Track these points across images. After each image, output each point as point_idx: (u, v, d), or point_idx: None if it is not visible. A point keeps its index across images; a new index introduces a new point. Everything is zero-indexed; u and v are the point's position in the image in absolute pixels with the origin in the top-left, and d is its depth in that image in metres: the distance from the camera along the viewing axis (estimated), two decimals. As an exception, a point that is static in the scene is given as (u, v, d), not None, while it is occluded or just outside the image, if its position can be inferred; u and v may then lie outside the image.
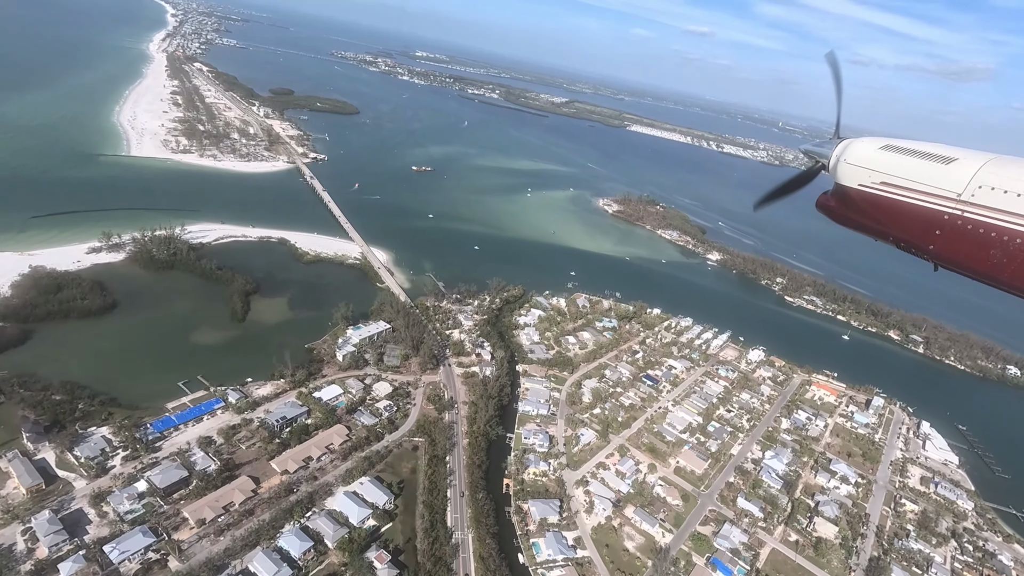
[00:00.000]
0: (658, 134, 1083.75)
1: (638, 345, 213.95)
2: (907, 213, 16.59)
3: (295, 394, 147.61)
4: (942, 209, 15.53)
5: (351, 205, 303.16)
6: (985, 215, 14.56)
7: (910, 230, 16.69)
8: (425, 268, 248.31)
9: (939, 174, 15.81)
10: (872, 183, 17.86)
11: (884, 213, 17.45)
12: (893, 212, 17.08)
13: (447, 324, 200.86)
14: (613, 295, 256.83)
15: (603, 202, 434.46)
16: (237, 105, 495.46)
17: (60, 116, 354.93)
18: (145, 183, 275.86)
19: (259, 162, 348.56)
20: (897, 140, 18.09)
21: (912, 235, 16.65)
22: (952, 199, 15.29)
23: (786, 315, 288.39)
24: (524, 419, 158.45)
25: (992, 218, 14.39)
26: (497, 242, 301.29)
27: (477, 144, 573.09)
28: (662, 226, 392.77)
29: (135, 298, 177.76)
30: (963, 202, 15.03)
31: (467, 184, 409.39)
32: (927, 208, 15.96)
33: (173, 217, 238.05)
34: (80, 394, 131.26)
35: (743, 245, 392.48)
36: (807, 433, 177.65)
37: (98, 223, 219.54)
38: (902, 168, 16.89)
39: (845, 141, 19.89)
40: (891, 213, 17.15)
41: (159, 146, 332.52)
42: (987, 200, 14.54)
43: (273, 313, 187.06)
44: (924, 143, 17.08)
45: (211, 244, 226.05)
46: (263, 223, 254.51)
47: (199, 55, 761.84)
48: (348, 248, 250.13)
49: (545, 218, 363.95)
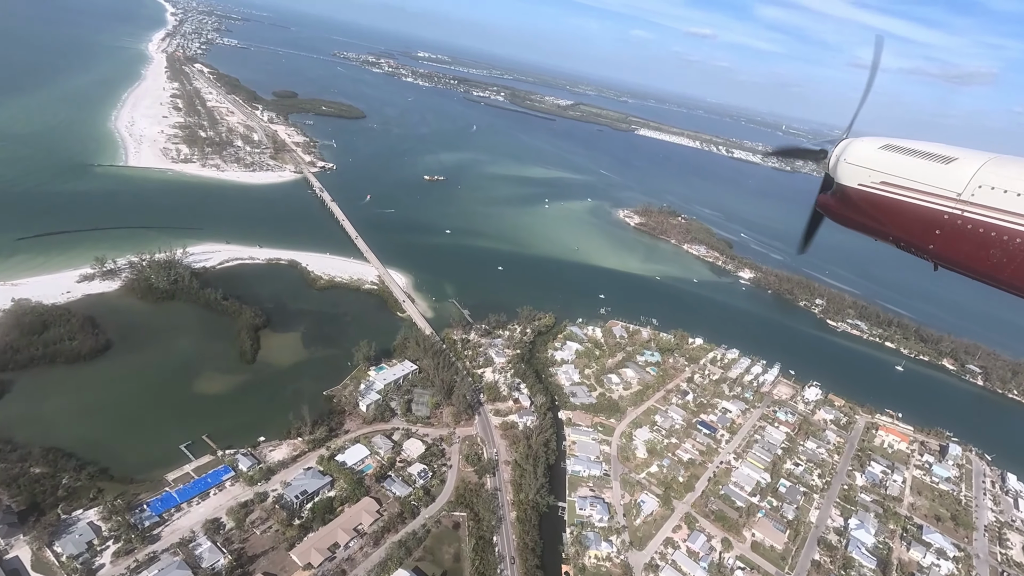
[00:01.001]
0: (667, 138, 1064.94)
1: (686, 383, 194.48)
2: (907, 213, 16.46)
3: (315, 458, 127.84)
4: (942, 209, 15.40)
5: (364, 220, 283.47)
6: (985, 215, 14.39)
7: (910, 230, 16.54)
8: (448, 293, 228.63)
9: (939, 174, 15.67)
10: (872, 183, 17.66)
11: (884, 213, 17.30)
12: (893, 212, 16.92)
13: (477, 362, 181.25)
14: (649, 322, 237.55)
15: (624, 214, 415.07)
16: (240, 109, 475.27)
17: (54, 122, 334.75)
18: (144, 197, 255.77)
19: (264, 172, 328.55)
20: (897, 140, 17.91)
21: (912, 235, 16.51)
22: (952, 199, 15.15)
23: (831, 342, 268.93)
24: (575, 482, 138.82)
25: (992, 218, 14.23)
26: (520, 261, 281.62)
27: (488, 150, 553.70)
28: (687, 240, 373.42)
29: (131, 336, 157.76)
30: (963, 202, 14.88)
31: (482, 195, 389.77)
32: (927, 208, 15.82)
33: (174, 237, 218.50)
34: (64, 465, 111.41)
35: (772, 261, 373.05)
36: (886, 491, 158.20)
37: (92, 245, 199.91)
38: (902, 168, 16.74)
39: (845, 141, 19.57)
40: (891, 213, 17.00)
41: (158, 155, 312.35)
42: (987, 200, 14.37)
43: (286, 352, 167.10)
44: (924, 143, 16.92)
45: (215, 268, 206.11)
46: (271, 242, 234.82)
47: (199, 56, 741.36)
48: (364, 271, 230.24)
49: (566, 232, 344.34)
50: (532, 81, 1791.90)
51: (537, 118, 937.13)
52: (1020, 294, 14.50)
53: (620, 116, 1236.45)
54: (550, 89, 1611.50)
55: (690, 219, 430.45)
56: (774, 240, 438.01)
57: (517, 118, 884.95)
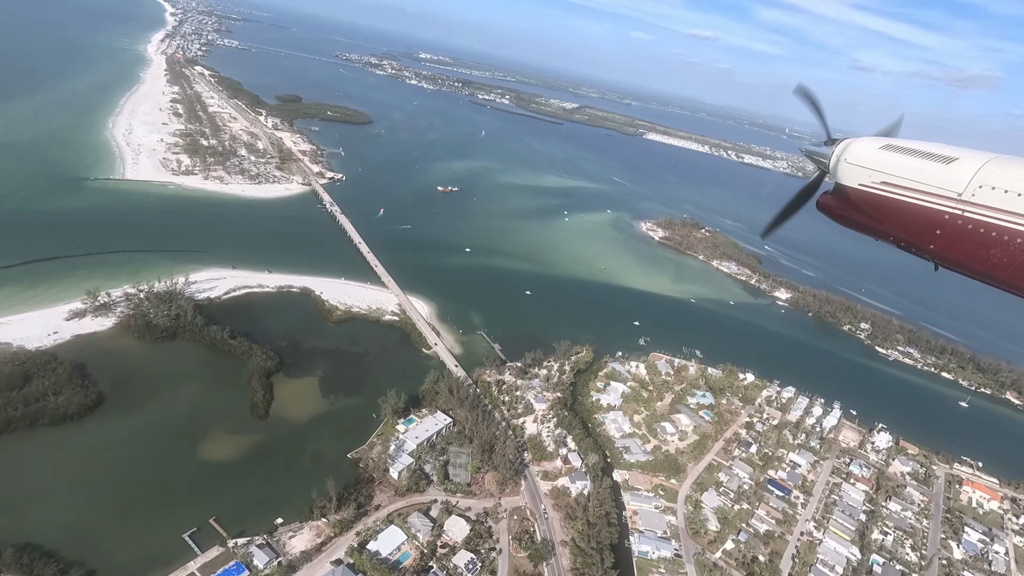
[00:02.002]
0: (675, 143, 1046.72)
1: (745, 430, 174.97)
2: (908, 213, 16.14)
3: (343, 546, 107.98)
4: (943, 209, 15.09)
5: (379, 237, 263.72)
6: (986, 215, 14.07)
7: (910, 230, 16.22)
8: (475, 323, 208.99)
9: (939, 174, 15.34)
10: (872, 183, 17.34)
11: (884, 213, 16.99)
12: (893, 212, 16.61)
13: (516, 409, 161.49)
14: (693, 354, 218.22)
15: (646, 227, 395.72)
16: (243, 115, 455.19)
17: (47, 130, 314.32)
18: (142, 215, 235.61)
19: (271, 184, 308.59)
20: (898, 140, 17.68)
21: (912, 235, 16.22)
22: (953, 199, 14.84)
23: (885, 374, 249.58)
24: (644, 567, 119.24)
25: (993, 218, 13.90)
26: (547, 283, 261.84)
27: (499, 157, 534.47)
28: (716, 256, 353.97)
29: (127, 387, 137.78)
30: (964, 202, 14.58)
31: (499, 207, 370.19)
32: (928, 208, 15.53)
33: (175, 261, 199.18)
34: (43, 571, 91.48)
35: (805, 278, 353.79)
36: (991, 567, 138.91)
37: (85, 273, 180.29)
38: (902, 168, 16.40)
39: (846, 141, 19.20)
40: (891, 213, 16.70)
41: (158, 167, 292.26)
42: (988, 200, 14.04)
43: (303, 402, 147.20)
44: (924, 143, 16.55)
45: (221, 299, 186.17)
46: (281, 265, 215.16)
47: (200, 58, 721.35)
48: (383, 299, 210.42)
49: (591, 249, 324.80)
50: (535, 83, 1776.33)
51: (544, 122, 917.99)
52: (1021, 294, 14.20)
53: (626, 120, 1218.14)
54: (553, 91, 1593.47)
55: (714, 232, 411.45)
56: (801, 253, 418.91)
57: (524, 122, 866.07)
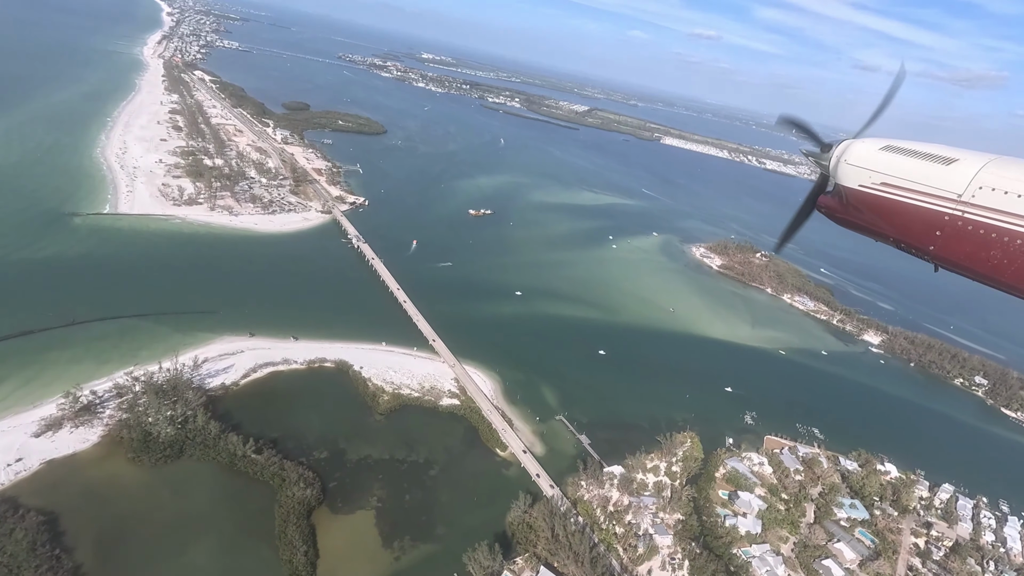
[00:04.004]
0: (693, 148, 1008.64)
1: (919, 560, 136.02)
2: (907, 214, 16.02)
3: None
4: (942, 210, 14.96)
5: (417, 280, 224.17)
6: (986, 216, 13.97)
7: (910, 231, 16.09)
8: (549, 402, 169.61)
9: (939, 175, 15.19)
10: (872, 184, 17.15)
11: (884, 214, 16.84)
12: (893, 213, 16.47)
13: (634, 549, 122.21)
14: (812, 434, 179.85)
15: (699, 252, 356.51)
16: (249, 127, 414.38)
17: (28, 152, 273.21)
18: (138, 263, 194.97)
19: (286, 214, 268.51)
20: (897, 141, 17.27)
21: (912, 236, 16.09)
22: (952, 200, 14.72)
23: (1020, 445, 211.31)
24: None
25: (993, 219, 13.82)
26: (615, 336, 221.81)
27: (525, 170, 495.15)
28: (785, 288, 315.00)
29: (115, 550, 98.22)
30: (964, 203, 14.47)
31: (538, 232, 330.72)
32: (927, 209, 15.38)
33: (179, 329, 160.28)
34: None
35: (885, 314, 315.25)
36: None
37: (63, 357, 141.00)
38: (902, 169, 16.22)
39: (845, 142, 19.13)
40: (891, 214, 16.55)
41: (157, 195, 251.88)
42: (988, 201, 13.93)
43: (359, 559, 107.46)
44: (925, 144, 16.35)
45: (239, 386, 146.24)
46: (308, 328, 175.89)
47: (199, 61, 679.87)
48: (435, 372, 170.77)
49: (650, 284, 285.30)
50: (540, 84, 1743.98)
51: (559, 127, 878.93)
52: (1021, 295, 14.15)
53: (639, 123, 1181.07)
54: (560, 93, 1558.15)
55: (770, 256, 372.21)
56: (869, 281, 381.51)
57: (539, 128, 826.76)
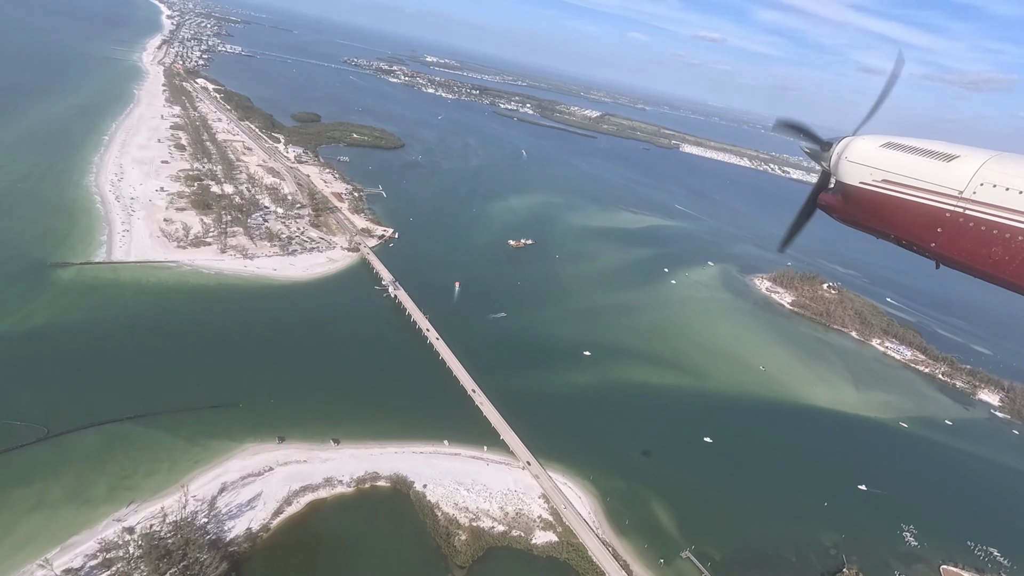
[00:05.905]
0: (713, 156, 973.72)
1: None
2: (908, 211, 16.07)
3: None
4: (943, 207, 15.03)
5: (468, 339, 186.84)
6: (987, 213, 14.06)
7: (911, 228, 16.14)
8: (664, 526, 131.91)
9: (940, 172, 15.24)
10: (873, 181, 17.18)
11: (885, 211, 16.89)
12: (894, 210, 16.51)
13: None
14: (994, 560, 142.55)
15: (764, 286, 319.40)
16: (259, 144, 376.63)
17: (15, 184, 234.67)
18: (135, 333, 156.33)
19: (308, 253, 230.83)
20: (898, 138, 17.31)
21: (913, 233, 16.15)
22: (954, 197, 14.80)
23: None
24: None
25: (994, 216, 13.90)
26: (713, 411, 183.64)
27: (555, 187, 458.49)
28: (870, 331, 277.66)
29: None
30: (965, 200, 14.54)
31: (588, 268, 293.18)
32: (928, 206, 15.46)
33: (187, 436, 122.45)
34: None
35: (986, 360, 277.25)
36: None
37: (32, 492, 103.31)
38: (903, 166, 16.28)
39: (846, 139, 19.11)
40: (892, 211, 16.59)
41: (158, 235, 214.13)
42: (989, 198, 14.03)
43: None
44: (926, 141, 16.39)
45: (269, 530, 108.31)
46: (349, 421, 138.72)
47: (202, 68, 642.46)
48: (516, 486, 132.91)
49: (728, 334, 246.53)
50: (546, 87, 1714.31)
51: (578, 136, 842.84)
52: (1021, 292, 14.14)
53: (654, 129, 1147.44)
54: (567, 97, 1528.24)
55: (839, 288, 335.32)
56: (944, 314, 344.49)
57: (557, 136, 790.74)
